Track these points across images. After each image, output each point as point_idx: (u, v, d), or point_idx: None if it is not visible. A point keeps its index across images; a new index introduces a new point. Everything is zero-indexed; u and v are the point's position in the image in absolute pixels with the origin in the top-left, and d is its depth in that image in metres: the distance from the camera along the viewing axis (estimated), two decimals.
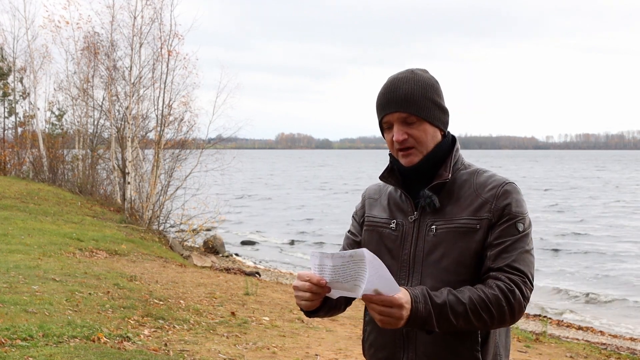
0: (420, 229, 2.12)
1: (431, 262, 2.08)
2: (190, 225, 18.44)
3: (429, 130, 2.12)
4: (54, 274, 8.86)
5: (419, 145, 2.12)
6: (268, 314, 8.73)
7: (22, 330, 5.95)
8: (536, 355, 8.48)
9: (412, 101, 2.10)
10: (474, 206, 2.08)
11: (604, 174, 76.92)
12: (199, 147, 19.35)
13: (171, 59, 18.59)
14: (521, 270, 2.01)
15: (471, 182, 2.13)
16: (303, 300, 2.00)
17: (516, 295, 1.98)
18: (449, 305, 1.93)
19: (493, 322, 1.98)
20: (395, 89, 2.12)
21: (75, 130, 24.45)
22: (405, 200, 2.18)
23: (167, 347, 6.31)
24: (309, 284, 1.95)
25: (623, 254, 20.95)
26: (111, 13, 19.65)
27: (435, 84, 2.16)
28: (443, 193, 2.12)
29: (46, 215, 15.16)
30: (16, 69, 25.21)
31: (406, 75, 2.15)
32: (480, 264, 2.06)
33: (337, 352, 7.04)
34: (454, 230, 2.07)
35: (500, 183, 2.10)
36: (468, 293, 1.96)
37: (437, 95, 2.15)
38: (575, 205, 37.21)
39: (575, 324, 12.84)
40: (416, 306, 1.89)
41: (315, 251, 1.96)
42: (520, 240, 2.04)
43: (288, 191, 50.95)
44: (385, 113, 2.14)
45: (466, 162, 2.19)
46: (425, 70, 2.21)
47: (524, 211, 2.09)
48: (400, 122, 2.11)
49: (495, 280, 1.99)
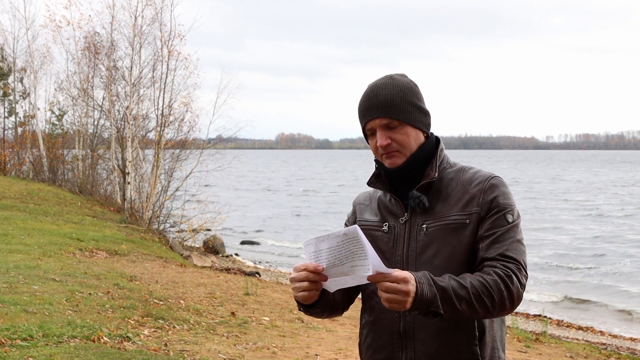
0: (411, 229, 2.14)
1: (424, 261, 2.09)
2: (190, 225, 18.45)
3: (411, 133, 2.15)
4: (54, 274, 8.86)
5: (402, 148, 2.14)
6: (268, 314, 8.74)
7: (22, 330, 5.95)
8: (536, 355, 8.48)
9: (393, 106, 2.13)
10: (462, 202, 2.10)
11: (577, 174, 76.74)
12: (199, 147, 19.36)
13: (172, 60, 18.61)
14: (514, 258, 2.03)
15: (458, 179, 2.15)
16: (301, 292, 2.01)
17: (514, 281, 2.00)
18: (452, 289, 1.94)
19: (494, 308, 1.99)
20: (375, 95, 2.15)
21: (75, 130, 24.46)
22: (394, 203, 2.20)
23: (167, 347, 6.31)
24: (306, 273, 1.97)
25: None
26: (111, 13, 19.65)
27: (414, 87, 2.19)
28: (431, 193, 2.14)
29: (46, 215, 15.16)
30: (16, 69, 25.22)
31: (385, 82, 2.18)
32: (473, 259, 2.08)
33: (337, 352, 7.04)
34: (444, 228, 2.09)
35: (486, 177, 2.13)
36: (469, 279, 1.98)
37: (417, 98, 2.18)
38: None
39: (575, 324, 12.84)
40: (421, 287, 1.89)
41: (310, 238, 1.96)
42: (510, 230, 2.06)
43: (288, 191, 50.96)
44: (367, 120, 2.17)
45: (451, 161, 2.22)
46: (404, 74, 2.23)
47: (512, 203, 2.11)
48: (382, 128, 2.14)
49: (493, 268, 2.01)
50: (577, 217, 31.43)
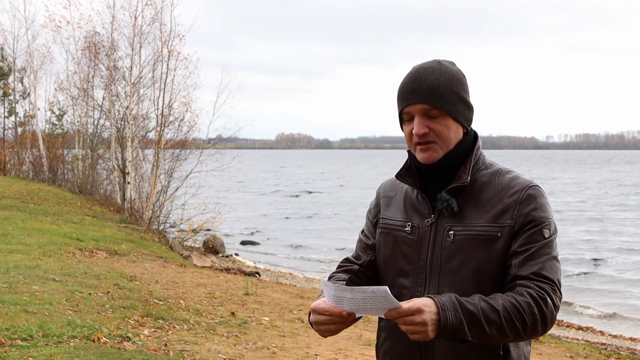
0: (437, 233, 2.02)
1: (449, 271, 1.98)
2: (190, 225, 18.45)
3: (452, 126, 2.00)
4: (54, 274, 8.86)
5: (440, 140, 1.99)
6: (268, 314, 8.73)
7: (22, 330, 5.95)
8: (536, 355, 8.48)
9: (437, 93, 1.97)
10: (495, 212, 1.97)
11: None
12: (199, 147, 19.37)
13: (172, 59, 18.62)
14: (550, 278, 1.91)
15: (492, 184, 2.02)
16: (328, 332, 1.92)
17: (548, 303, 1.87)
18: (482, 313, 1.82)
19: (525, 332, 1.86)
20: (420, 79, 2.00)
21: (75, 130, 24.45)
22: (422, 201, 2.06)
23: (167, 347, 6.31)
24: (330, 317, 1.87)
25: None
26: (112, 13, 19.66)
27: (462, 77, 2.05)
28: (462, 195, 2.01)
29: (46, 215, 15.16)
30: (16, 69, 25.21)
31: (432, 66, 2.02)
32: (502, 274, 1.96)
33: (337, 352, 7.04)
34: (473, 238, 1.96)
35: (524, 187, 1.98)
36: (501, 300, 1.85)
37: (464, 90, 2.03)
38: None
39: (575, 324, 12.84)
40: (445, 314, 1.78)
41: (329, 282, 1.87)
42: (546, 246, 1.94)
43: (288, 191, 50.95)
44: (407, 104, 2.01)
45: (487, 161, 2.08)
46: (453, 62, 2.08)
47: (549, 216, 1.98)
48: (422, 115, 1.98)
49: (526, 288, 1.88)
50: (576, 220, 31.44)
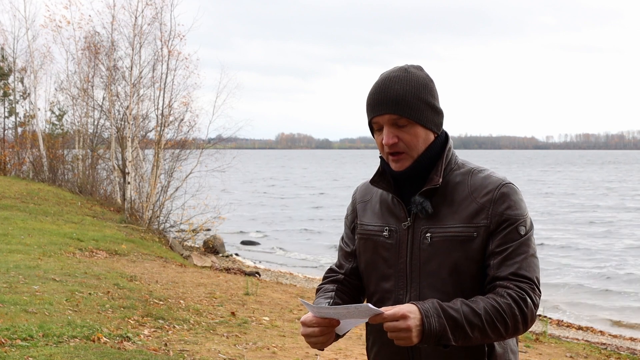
0: (414, 236, 2.04)
1: (429, 273, 2.01)
2: (190, 225, 18.45)
3: (421, 133, 2.02)
4: (54, 274, 8.86)
5: (409, 149, 2.02)
6: (268, 314, 8.74)
7: (22, 330, 5.95)
8: (536, 355, 8.48)
9: (404, 102, 1.98)
10: (469, 212, 1.99)
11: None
12: (199, 147, 19.38)
13: (172, 60, 18.64)
14: (528, 277, 1.94)
15: (466, 183, 2.03)
16: (319, 343, 1.97)
17: (528, 303, 1.91)
18: (465, 318, 1.86)
19: (507, 333, 1.91)
20: (386, 89, 2.00)
21: (75, 130, 24.44)
22: (397, 205, 2.08)
23: (167, 347, 6.31)
24: (319, 328, 1.93)
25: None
26: (112, 13, 19.66)
27: (429, 83, 2.05)
28: (436, 196, 2.03)
29: (46, 215, 15.16)
30: (16, 69, 25.21)
31: (399, 74, 2.03)
32: (480, 273, 1.99)
33: (337, 352, 7.04)
34: (450, 239, 1.99)
35: (497, 185, 2.00)
36: (482, 303, 1.89)
37: (431, 96, 2.04)
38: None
39: (575, 324, 12.84)
40: (428, 321, 1.82)
41: (311, 304, 1.93)
42: (523, 245, 1.96)
43: (288, 191, 50.94)
44: (374, 115, 2.02)
45: (460, 161, 2.09)
46: (420, 67, 2.09)
47: (524, 213, 1.99)
48: (390, 125, 2.00)
49: (506, 289, 1.92)
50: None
